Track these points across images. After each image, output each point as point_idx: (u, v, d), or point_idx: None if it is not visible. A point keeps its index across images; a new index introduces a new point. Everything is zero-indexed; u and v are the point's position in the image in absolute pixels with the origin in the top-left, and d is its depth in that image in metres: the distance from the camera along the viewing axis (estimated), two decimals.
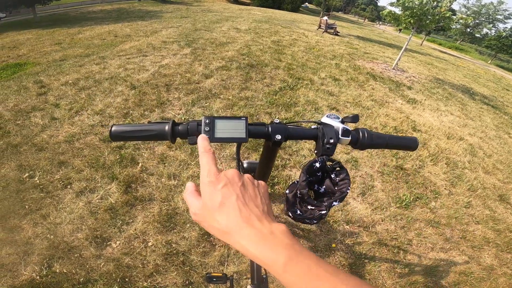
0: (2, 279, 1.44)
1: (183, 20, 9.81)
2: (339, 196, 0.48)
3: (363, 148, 0.58)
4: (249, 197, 0.32)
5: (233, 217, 0.29)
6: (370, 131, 0.57)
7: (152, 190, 2.03)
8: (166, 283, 1.49)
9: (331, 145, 0.52)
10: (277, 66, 5.03)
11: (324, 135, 0.53)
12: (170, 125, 0.49)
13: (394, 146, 0.61)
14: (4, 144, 2.42)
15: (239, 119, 0.49)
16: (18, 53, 5.85)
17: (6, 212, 1.81)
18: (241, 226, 0.29)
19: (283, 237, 0.28)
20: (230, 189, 0.31)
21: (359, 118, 0.58)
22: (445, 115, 4.47)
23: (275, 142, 0.53)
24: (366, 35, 14.73)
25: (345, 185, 0.49)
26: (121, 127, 0.50)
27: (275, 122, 0.55)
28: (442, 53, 18.59)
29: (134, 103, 3.17)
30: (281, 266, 0.26)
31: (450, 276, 1.77)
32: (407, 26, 6.21)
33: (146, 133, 0.50)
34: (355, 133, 0.57)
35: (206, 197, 0.31)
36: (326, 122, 0.57)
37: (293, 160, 2.50)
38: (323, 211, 0.48)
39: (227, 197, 0.30)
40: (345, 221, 2.00)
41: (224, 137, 0.48)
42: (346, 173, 0.50)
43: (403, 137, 0.62)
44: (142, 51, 5.22)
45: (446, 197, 2.47)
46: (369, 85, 4.95)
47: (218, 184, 0.31)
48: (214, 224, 0.30)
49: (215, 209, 0.30)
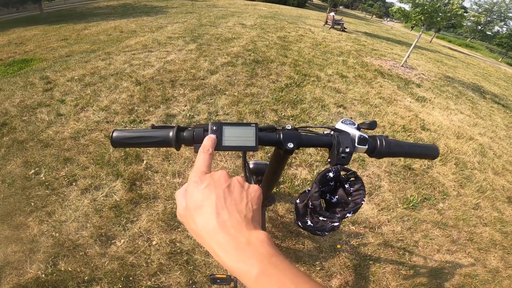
0: (8, 277, 1.45)
1: (188, 15, 9.76)
2: (353, 208, 0.45)
3: (380, 157, 0.54)
4: (232, 201, 0.30)
5: (209, 220, 0.27)
6: (388, 138, 0.54)
7: (156, 188, 2.03)
8: (169, 282, 1.48)
9: (346, 154, 0.48)
10: (283, 62, 4.96)
11: (340, 144, 0.49)
12: (174, 131, 0.46)
13: (413, 155, 0.57)
14: (10, 140, 2.44)
15: (248, 126, 0.46)
16: (24, 49, 5.90)
17: (12, 209, 1.82)
18: (216, 231, 0.27)
19: (260, 247, 0.26)
20: (212, 190, 0.29)
21: (376, 125, 0.54)
22: (455, 113, 4.37)
23: (287, 151, 0.50)
24: (373, 31, 14.46)
25: (359, 196, 0.46)
26: (123, 133, 0.47)
27: (287, 128, 0.51)
28: (452, 50, 18.19)
29: (139, 99, 3.16)
30: (252, 280, 0.24)
31: (455, 278, 1.74)
32: (417, 23, 6.06)
33: (150, 140, 0.47)
34: (373, 141, 0.53)
35: (188, 197, 0.30)
36: (341, 128, 0.53)
37: (299, 159, 2.46)
38: (336, 223, 0.45)
39: (207, 199, 0.29)
40: (351, 222, 1.97)
41: (232, 146, 0.45)
42: (362, 183, 0.47)
43: (423, 145, 0.58)
44: (148, 47, 5.20)
45: (454, 198, 2.41)
46: (377, 83, 4.86)
47: (201, 184, 0.30)
48: (192, 226, 0.28)
49: (195, 210, 0.29)
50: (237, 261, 0.25)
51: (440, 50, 14.46)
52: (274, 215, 1.90)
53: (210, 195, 0.29)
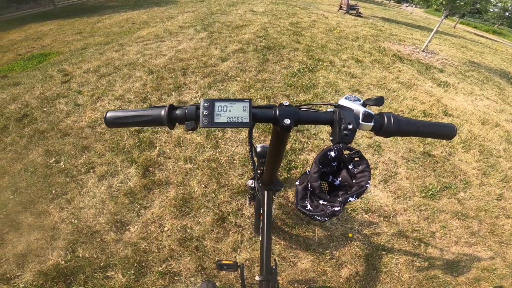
0: (30, 265, 1.51)
1: (198, 4, 9.65)
2: (357, 191, 0.41)
3: (388, 136, 0.50)
4: None
5: None
6: (398, 115, 0.49)
7: (169, 174, 2.06)
8: (180, 268, 1.51)
9: (349, 132, 0.45)
10: (296, 48, 4.82)
11: (342, 120, 0.45)
12: (166, 110, 0.46)
13: (426, 134, 0.52)
14: (31, 130, 2.55)
15: (241, 101, 0.44)
16: (42, 44, 6.09)
17: (34, 197, 1.90)
18: None
19: None
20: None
21: (384, 101, 0.49)
22: (480, 99, 4.10)
23: (284, 127, 0.47)
24: (391, 16, 13.66)
25: (364, 178, 0.42)
26: (116, 113, 0.48)
27: (284, 105, 0.49)
28: (477, 36, 16.92)
29: (152, 88, 3.20)
30: None
31: (471, 271, 1.66)
32: (438, 8, 5.66)
33: (142, 119, 0.47)
34: (379, 118, 0.49)
35: None
36: (345, 104, 0.49)
37: (311, 144, 2.41)
38: (337, 207, 0.42)
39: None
40: (364, 210, 1.92)
41: (224, 122, 0.43)
42: (367, 164, 0.43)
43: (438, 124, 0.53)
44: (159, 37, 5.21)
45: (476, 188, 2.28)
46: (395, 67, 4.62)
47: None
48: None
49: None
50: None
51: (465, 36, 13.51)
52: (285, 201, 1.89)
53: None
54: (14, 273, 1.48)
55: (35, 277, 1.45)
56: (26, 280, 1.44)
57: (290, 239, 1.68)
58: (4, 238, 1.65)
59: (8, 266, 1.51)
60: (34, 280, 1.44)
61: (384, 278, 1.56)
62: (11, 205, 1.85)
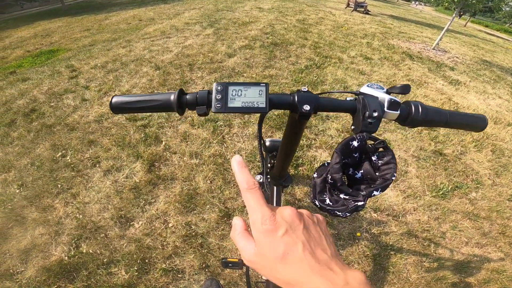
0: (34, 260, 1.51)
1: (204, 1, 9.62)
2: (382, 184, 0.37)
3: (414, 126, 0.46)
4: (315, 242, 0.27)
5: (301, 269, 0.25)
6: (426, 105, 0.45)
7: (174, 169, 2.04)
8: (183, 265, 1.49)
9: (374, 120, 0.42)
10: (303, 44, 4.76)
11: (366, 107, 0.42)
12: (176, 95, 0.44)
13: (456, 125, 0.48)
14: (39, 125, 2.57)
15: (258, 85, 0.41)
16: (50, 41, 6.14)
17: (40, 191, 1.91)
18: (311, 278, 0.24)
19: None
20: (293, 237, 0.26)
21: (410, 89, 0.45)
22: (493, 98, 3.98)
23: (303, 115, 0.44)
24: (400, 14, 13.42)
25: (390, 170, 0.38)
26: (122, 98, 0.45)
27: (303, 91, 0.45)
28: (489, 35, 16.53)
29: (158, 83, 3.19)
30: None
31: (481, 273, 1.61)
32: (449, 6, 5.51)
33: (150, 104, 0.45)
34: (406, 107, 0.46)
35: (265, 247, 0.26)
36: (367, 92, 0.46)
37: (319, 140, 2.37)
38: (360, 202, 0.38)
39: (291, 248, 0.25)
40: (373, 209, 1.87)
41: (239, 107, 0.40)
42: (392, 155, 0.39)
43: (469, 114, 0.49)
44: (166, 33, 5.20)
45: (488, 188, 2.21)
46: (405, 65, 4.52)
47: (277, 231, 0.26)
48: (276, 274, 0.25)
49: (277, 260, 0.25)
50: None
51: (476, 35, 13.20)
52: (292, 198, 1.86)
53: (294, 242, 0.26)
54: (17, 268, 1.47)
55: (38, 272, 1.44)
56: (29, 276, 1.43)
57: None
58: (9, 232, 1.65)
59: (11, 261, 1.50)
60: (37, 276, 1.43)
61: (392, 278, 1.52)
62: (16, 199, 1.85)
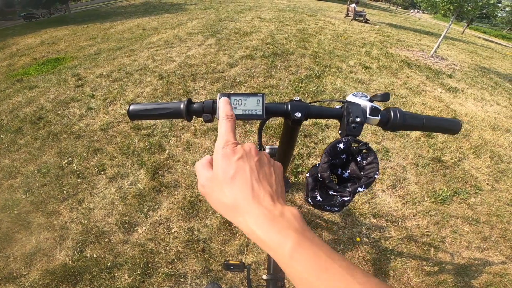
0: (38, 264, 1.54)
1: (207, 11, 9.86)
2: (365, 182, 0.43)
3: (395, 130, 0.52)
4: (264, 175, 0.29)
5: (244, 192, 0.26)
6: (404, 110, 0.51)
7: (177, 177, 2.09)
8: (186, 270, 1.52)
9: (357, 125, 0.47)
10: (303, 54, 4.86)
11: (350, 113, 0.48)
12: (185, 104, 0.50)
13: (431, 128, 0.54)
14: (46, 132, 2.64)
15: (255, 96, 0.47)
16: (56, 49, 6.30)
17: (46, 197, 1.96)
18: (250, 204, 0.26)
19: (294, 221, 0.25)
20: (246, 162, 0.28)
21: (390, 97, 0.52)
22: (491, 105, 4.04)
23: (295, 121, 0.50)
24: (399, 22, 13.67)
25: (372, 169, 0.44)
26: (139, 106, 0.52)
27: (295, 100, 0.52)
28: (486, 41, 16.76)
29: (162, 93, 3.27)
30: (288, 252, 0.23)
31: (483, 276, 1.62)
32: (446, 13, 5.66)
33: (163, 111, 0.51)
34: (386, 113, 0.51)
35: (218, 168, 0.28)
36: (352, 100, 0.52)
37: (319, 149, 2.42)
38: (346, 197, 0.43)
39: (241, 171, 0.28)
40: (372, 214, 1.90)
41: (240, 114, 0.46)
42: (374, 156, 0.45)
43: (443, 119, 0.55)
44: (169, 43, 5.34)
45: (488, 193, 2.24)
46: (403, 73, 4.61)
47: (233, 156, 0.29)
48: (222, 198, 0.27)
49: (225, 181, 0.27)
50: (271, 233, 0.24)
51: (473, 41, 13.38)
52: (291, 204, 1.89)
53: (244, 167, 0.28)
54: (21, 272, 1.50)
55: (42, 276, 1.47)
56: (33, 279, 1.46)
57: None
58: (14, 237, 1.69)
59: (15, 265, 1.53)
60: (40, 280, 1.45)
61: (393, 282, 1.54)
62: (22, 204, 1.90)
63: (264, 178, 0.29)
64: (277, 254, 0.23)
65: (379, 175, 2.25)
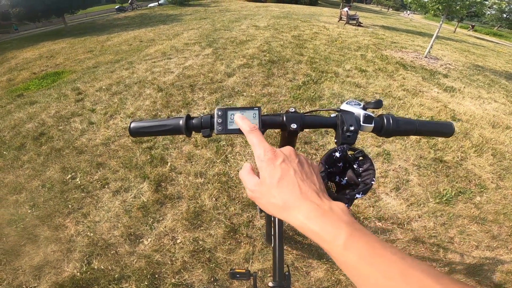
0: (46, 276, 1.55)
1: (202, 21, 10.00)
2: (363, 188, 0.43)
3: (389, 136, 0.53)
4: (306, 175, 0.31)
5: (292, 192, 0.29)
6: (397, 116, 0.53)
7: (180, 188, 2.09)
8: (192, 279, 1.51)
9: (351, 133, 0.49)
10: (299, 60, 4.92)
11: (344, 122, 0.50)
12: (184, 120, 0.51)
13: (425, 133, 0.56)
14: (48, 148, 2.64)
15: (251, 109, 0.49)
16: (55, 62, 6.36)
17: (52, 212, 1.96)
18: (300, 201, 0.28)
19: (343, 215, 0.27)
20: (288, 165, 0.31)
21: (382, 104, 0.54)
22: (488, 102, 4.07)
23: (291, 132, 0.52)
24: (391, 24, 13.90)
25: (369, 176, 0.45)
26: (139, 123, 0.53)
27: (290, 111, 0.54)
28: (478, 39, 17.01)
29: (161, 105, 3.29)
30: (341, 243, 0.24)
31: (496, 275, 1.61)
32: (435, 13, 5.78)
33: (163, 128, 0.52)
34: (379, 120, 0.53)
35: (265, 174, 0.31)
36: (346, 109, 0.54)
37: (320, 155, 2.42)
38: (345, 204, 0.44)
39: (286, 173, 0.30)
40: (377, 218, 1.90)
41: (237, 128, 0.47)
42: (371, 162, 0.46)
43: (436, 122, 0.57)
44: (166, 54, 5.40)
45: (493, 191, 2.24)
46: (399, 75, 4.66)
47: (276, 160, 0.31)
48: (272, 200, 0.30)
49: (273, 185, 0.30)
50: (325, 226, 0.26)
51: (466, 40, 13.60)
52: None
53: (288, 170, 0.30)
54: (30, 284, 1.50)
55: None
56: None
57: (303, 249, 1.67)
58: (22, 250, 1.70)
59: (24, 277, 1.54)
60: None
61: None
62: (28, 218, 1.91)
63: (307, 177, 0.31)
64: (331, 245, 0.25)
65: (383, 179, 2.26)
